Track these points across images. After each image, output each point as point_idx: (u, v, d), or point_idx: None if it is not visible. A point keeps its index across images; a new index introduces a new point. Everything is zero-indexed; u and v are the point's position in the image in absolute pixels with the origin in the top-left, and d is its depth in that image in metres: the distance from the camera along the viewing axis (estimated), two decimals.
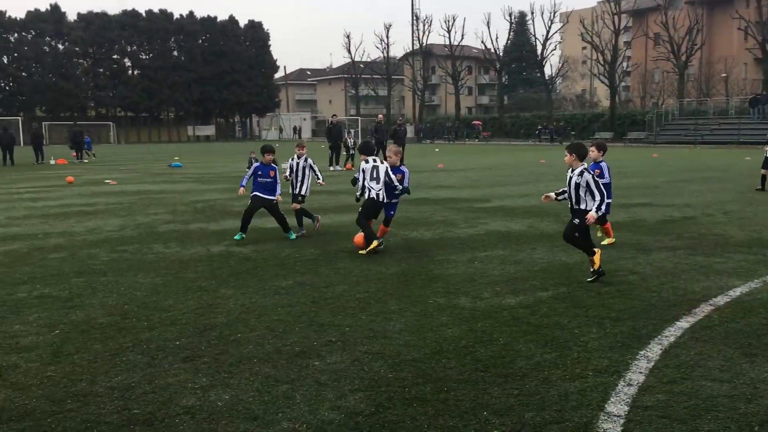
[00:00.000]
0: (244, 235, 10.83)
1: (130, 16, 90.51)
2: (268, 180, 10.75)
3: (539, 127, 69.17)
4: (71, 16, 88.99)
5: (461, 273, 8.36)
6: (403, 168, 10.21)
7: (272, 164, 10.91)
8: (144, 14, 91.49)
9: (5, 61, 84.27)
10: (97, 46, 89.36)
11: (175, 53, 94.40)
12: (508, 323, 6.23)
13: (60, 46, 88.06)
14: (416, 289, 7.40)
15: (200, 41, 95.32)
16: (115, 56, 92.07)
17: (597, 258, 7.68)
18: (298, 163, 11.30)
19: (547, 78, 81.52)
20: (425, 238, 10.88)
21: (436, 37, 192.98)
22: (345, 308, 6.79)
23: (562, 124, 66.97)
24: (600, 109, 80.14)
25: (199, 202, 16.27)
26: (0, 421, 4.25)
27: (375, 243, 9.51)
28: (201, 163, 32.71)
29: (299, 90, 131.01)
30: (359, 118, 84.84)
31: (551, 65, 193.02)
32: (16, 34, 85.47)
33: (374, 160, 9.96)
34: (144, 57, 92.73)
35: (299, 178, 11.33)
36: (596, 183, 7.49)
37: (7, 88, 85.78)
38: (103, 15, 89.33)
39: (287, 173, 11.38)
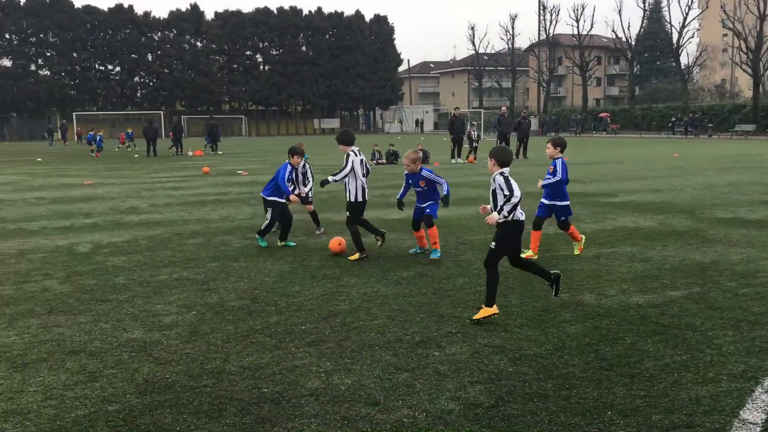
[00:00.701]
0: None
1: (263, 13, 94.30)
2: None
3: (673, 119, 65.77)
4: (209, 15, 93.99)
5: (586, 269, 8.14)
6: (425, 173, 8.87)
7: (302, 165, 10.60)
8: (275, 12, 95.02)
9: (150, 58, 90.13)
10: (231, 44, 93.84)
11: (304, 48, 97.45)
12: (635, 322, 6.01)
13: (198, 44, 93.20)
14: (538, 284, 7.28)
15: (327, 36, 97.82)
16: (248, 52, 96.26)
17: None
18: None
19: (683, 67, 77.23)
20: (548, 233, 10.67)
21: (563, 27, 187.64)
22: (465, 300, 6.80)
23: (698, 116, 63.31)
24: (742, 100, 74.95)
25: (323, 192, 16.75)
26: (144, 392, 4.61)
27: (357, 255, 8.90)
28: (326, 155, 33.63)
29: (422, 83, 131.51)
30: (482, 110, 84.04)
31: (688, 54, 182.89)
32: (159, 33, 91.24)
33: (359, 152, 9.05)
34: (275, 53, 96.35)
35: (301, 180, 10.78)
36: (507, 183, 6.06)
37: (151, 84, 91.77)
38: (238, 13, 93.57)
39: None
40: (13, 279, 8.04)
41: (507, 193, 6.04)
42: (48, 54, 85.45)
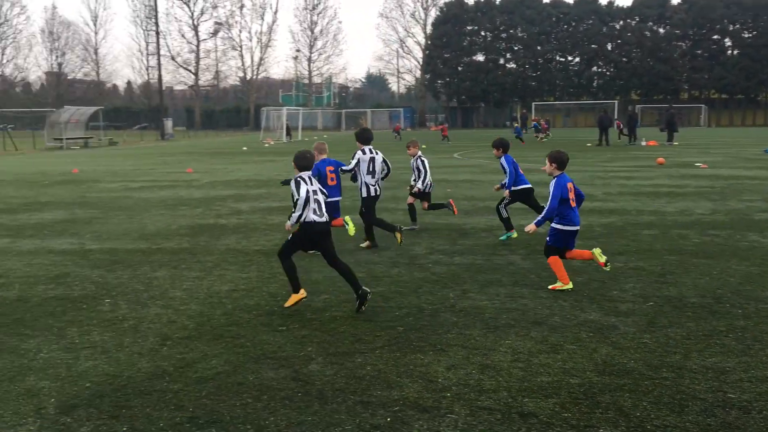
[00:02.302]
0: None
1: None
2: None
3: None
4: (675, 0, 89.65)
5: None
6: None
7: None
8: None
9: (609, 48, 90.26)
10: (697, 28, 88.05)
11: None
12: None
13: (661, 30, 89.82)
14: None
15: None
16: (714, 36, 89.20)
17: None
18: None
19: None
20: None
21: None
22: None
23: None
24: None
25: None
26: (603, 372, 4.75)
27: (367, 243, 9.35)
28: None
29: None
30: None
31: None
32: (621, 22, 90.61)
33: (371, 151, 9.11)
34: (746, 35, 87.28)
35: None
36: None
37: (608, 73, 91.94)
38: None
39: None
40: (483, 251, 9.02)
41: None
42: (515, 48, 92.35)
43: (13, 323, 6.15)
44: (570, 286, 6.94)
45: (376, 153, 9.25)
